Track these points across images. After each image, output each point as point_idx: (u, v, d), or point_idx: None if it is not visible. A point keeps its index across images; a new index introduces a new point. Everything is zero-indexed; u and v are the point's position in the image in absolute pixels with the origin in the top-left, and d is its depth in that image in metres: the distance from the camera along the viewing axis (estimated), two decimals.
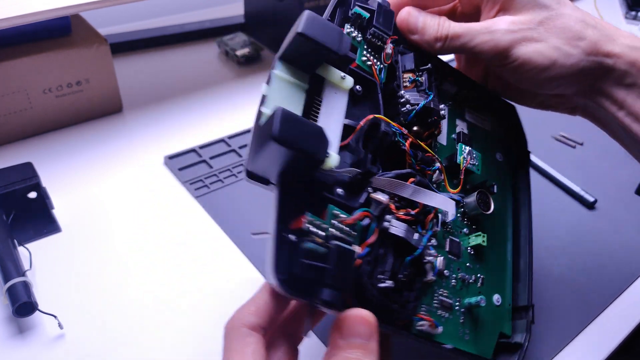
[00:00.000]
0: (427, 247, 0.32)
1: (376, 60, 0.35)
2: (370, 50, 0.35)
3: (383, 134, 0.32)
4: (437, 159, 0.35)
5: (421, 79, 0.36)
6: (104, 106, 0.61)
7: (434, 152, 0.36)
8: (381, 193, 0.31)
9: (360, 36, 0.34)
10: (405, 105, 0.34)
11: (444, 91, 0.39)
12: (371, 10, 0.34)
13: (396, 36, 0.36)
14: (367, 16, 0.34)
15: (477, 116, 0.41)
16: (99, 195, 0.51)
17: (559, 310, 0.42)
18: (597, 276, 0.45)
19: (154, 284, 0.43)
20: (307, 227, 0.27)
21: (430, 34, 0.37)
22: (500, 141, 0.42)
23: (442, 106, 0.37)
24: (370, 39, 0.34)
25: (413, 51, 0.37)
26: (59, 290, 0.41)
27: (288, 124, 0.26)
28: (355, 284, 0.29)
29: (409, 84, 0.36)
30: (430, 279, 0.33)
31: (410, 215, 0.32)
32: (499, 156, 0.41)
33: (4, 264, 0.39)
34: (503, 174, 0.41)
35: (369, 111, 0.33)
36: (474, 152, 0.37)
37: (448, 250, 0.35)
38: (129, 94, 0.64)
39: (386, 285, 0.29)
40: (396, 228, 0.31)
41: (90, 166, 0.54)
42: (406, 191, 0.31)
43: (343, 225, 0.29)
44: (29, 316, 0.38)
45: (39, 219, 0.47)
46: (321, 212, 0.28)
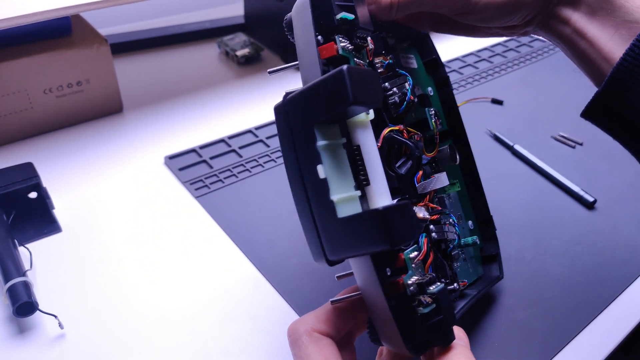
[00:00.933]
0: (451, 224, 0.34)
1: (365, 62, 0.32)
2: (356, 53, 0.31)
3: (401, 143, 0.32)
4: (419, 134, 0.35)
5: (390, 60, 0.34)
6: (104, 106, 0.61)
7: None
8: (417, 208, 0.32)
9: (349, 45, 0.30)
10: (393, 97, 0.33)
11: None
12: (351, 8, 0.31)
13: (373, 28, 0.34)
14: (352, 18, 0.30)
15: (406, 58, 0.40)
16: (99, 195, 0.51)
17: (558, 310, 0.42)
18: (597, 276, 0.45)
19: (154, 283, 0.43)
20: (410, 292, 0.26)
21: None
22: (425, 74, 0.41)
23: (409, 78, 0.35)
24: (358, 43, 0.31)
25: (378, 31, 0.34)
26: (59, 290, 0.42)
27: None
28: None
29: (384, 70, 0.34)
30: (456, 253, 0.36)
31: (436, 212, 0.34)
32: (430, 90, 0.41)
33: (5, 264, 0.40)
34: (437, 105, 0.41)
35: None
36: (435, 110, 0.37)
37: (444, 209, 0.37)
38: (129, 94, 0.64)
39: (454, 287, 0.33)
40: (437, 233, 0.33)
41: (91, 166, 0.54)
42: (439, 183, 0.33)
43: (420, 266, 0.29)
44: (29, 316, 0.38)
45: (39, 219, 0.47)
46: (396, 259, 0.28)
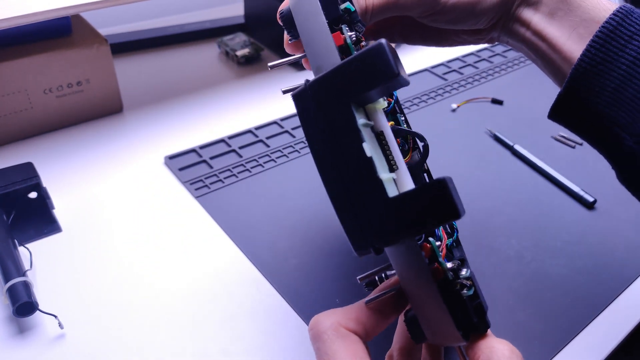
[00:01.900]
0: None
1: None
2: (355, 46, 0.30)
3: (406, 133, 0.32)
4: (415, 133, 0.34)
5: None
6: (104, 106, 0.61)
7: None
8: None
9: (355, 36, 0.30)
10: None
11: None
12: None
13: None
14: (354, 10, 0.30)
15: None
16: (99, 195, 0.51)
17: (558, 310, 0.42)
18: (597, 276, 0.45)
19: (154, 283, 0.43)
20: (451, 276, 0.26)
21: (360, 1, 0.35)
22: None
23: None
24: (358, 36, 0.30)
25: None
26: (59, 290, 0.42)
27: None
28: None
29: None
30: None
31: None
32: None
33: (5, 264, 0.40)
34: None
35: None
36: (404, 116, 0.36)
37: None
38: (130, 94, 0.65)
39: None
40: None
41: (91, 166, 0.54)
42: None
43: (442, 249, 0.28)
44: (29, 316, 0.38)
45: (39, 219, 0.47)
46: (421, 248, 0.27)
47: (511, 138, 0.60)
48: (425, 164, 0.34)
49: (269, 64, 0.32)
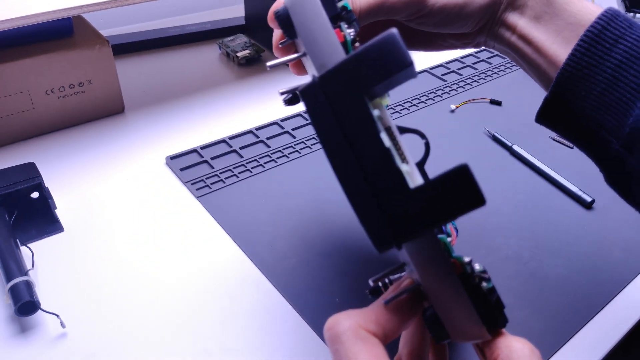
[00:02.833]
0: None
1: None
2: (352, 45, 0.30)
3: (407, 131, 0.31)
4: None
5: None
6: (106, 107, 0.61)
7: None
8: None
9: (353, 34, 0.30)
10: None
11: None
12: None
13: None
14: (350, 8, 0.31)
15: None
16: (101, 196, 0.51)
17: (556, 309, 0.42)
18: (595, 276, 0.46)
19: (155, 283, 0.43)
20: (469, 270, 0.26)
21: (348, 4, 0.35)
22: None
23: None
24: (354, 34, 0.30)
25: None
26: (61, 290, 0.42)
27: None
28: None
29: None
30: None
31: None
32: None
33: (7, 263, 0.40)
34: None
35: None
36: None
37: None
38: (131, 95, 0.65)
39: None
40: None
41: (93, 166, 0.55)
42: None
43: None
44: (31, 315, 0.38)
45: (41, 218, 0.47)
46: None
47: (510, 138, 0.61)
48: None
49: (267, 64, 0.32)
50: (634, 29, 0.32)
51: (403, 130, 0.32)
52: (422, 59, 0.78)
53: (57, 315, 0.38)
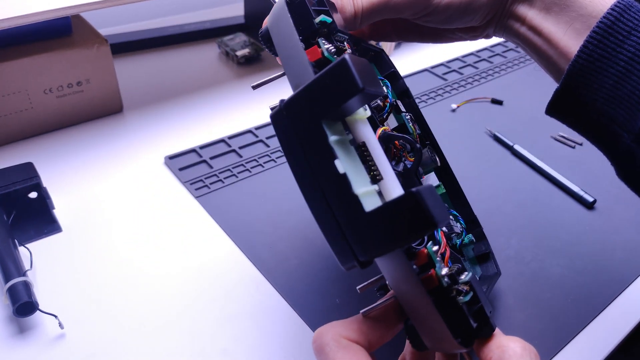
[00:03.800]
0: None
1: None
2: (336, 57, 0.31)
3: (398, 139, 0.32)
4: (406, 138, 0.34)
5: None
6: (104, 106, 0.61)
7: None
8: None
9: (333, 47, 0.30)
10: (375, 101, 0.34)
11: None
12: (327, 12, 0.32)
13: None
14: (330, 21, 0.31)
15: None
16: (99, 195, 0.51)
17: (558, 310, 0.42)
18: (596, 276, 0.45)
19: (154, 283, 0.43)
20: (446, 283, 0.25)
21: (351, 4, 0.35)
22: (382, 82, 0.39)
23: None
24: (338, 46, 0.31)
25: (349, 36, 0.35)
26: (59, 290, 0.42)
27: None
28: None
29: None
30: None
31: None
32: (393, 101, 0.39)
33: (5, 263, 0.40)
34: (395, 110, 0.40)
35: None
36: (410, 115, 0.39)
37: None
38: (130, 94, 0.65)
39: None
40: (446, 226, 0.33)
41: (91, 166, 0.54)
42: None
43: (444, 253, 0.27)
44: (29, 316, 0.38)
45: (39, 219, 0.47)
46: (417, 257, 0.26)
47: (511, 138, 0.60)
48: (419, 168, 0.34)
49: (251, 86, 0.33)
50: None
51: (393, 137, 0.31)
52: (423, 58, 0.78)
53: (56, 316, 0.38)
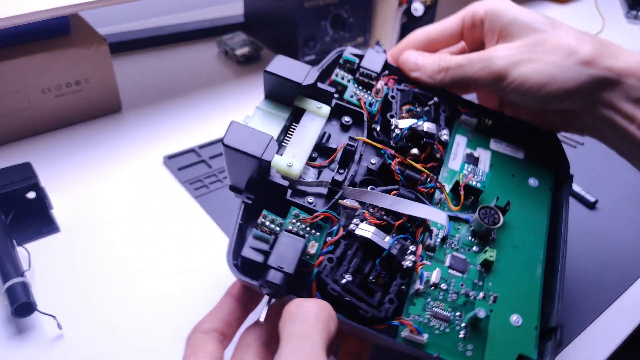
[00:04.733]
0: (408, 252, 0.33)
1: (368, 95, 0.39)
2: (362, 88, 0.39)
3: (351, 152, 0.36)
4: (433, 177, 0.36)
5: (418, 109, 0.40)
6: (103, 106, 0.61)
7: (441, 175, 0.38)
8: (350, 200, 0.33)
9: (350, 77, 0.39)
10: (395, 130, 0.37)
11: (463, 123, 0.42)
12: (360, 56, 0.40)
13: (389, 74, 0.41)
14: (355, 60, 0.40)
15: (507, 145, 0.42)
16: (98, 195, 0.51)
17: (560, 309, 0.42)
18: (598, 276, 0.45)
19: (153, 284, 0.43)
20: (261, 221, 0.31)
21: (431, 68, 0.40)
22: (536, 167, 0.41)
23: (445, 131, 0.39)
24: (360, 79, 0.39)
25: (416, 88, 0.41)
26: (58, 291, 0.41)
27: (236, 132, 0.32)
28: (319, 282, 0.31)
29: (406, 114, 0.39)
30: (419, 287, 0.32)
31: (383, 219, 0.33)
32: (532, 181, 0.40)
33: (3, 264, 0.39)
34: (536, 196, 0.39)
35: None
36: (479, 170, 0.38)
37: (449, 265, 0.34)
38: (128, 94, 0.64)
39: (346, 280, 0.30)
40: (362, 230, 0.32)
41: (89, 166, 0.54)
42: (384, 201, 0.33)
43: (304, 224, 0.32)
44: (27, 316, 0.38)
45: (37, 219, 0.47)
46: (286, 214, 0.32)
47: None
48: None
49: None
50: None
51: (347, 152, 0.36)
52: None
53: (54, 317, 0.38)
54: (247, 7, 0.80)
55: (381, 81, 0.40)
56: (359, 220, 0.33)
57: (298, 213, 0.32)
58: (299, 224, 0.32)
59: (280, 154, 0.34)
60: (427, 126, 0.37)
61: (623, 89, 0.35)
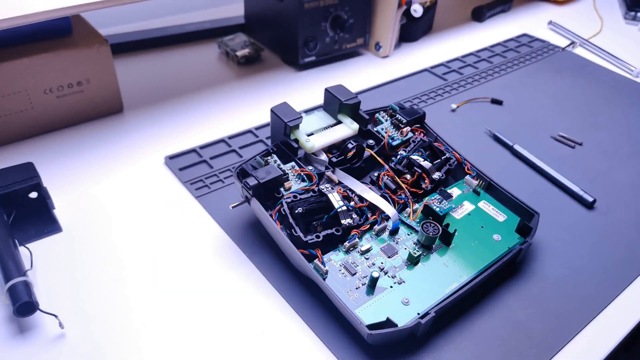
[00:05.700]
0: (350, 218, 0.43)
1: (395, 131, 0.52)
2: (394, 128, 0.53)
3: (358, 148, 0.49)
4: (407, 193, 0.46)
5: (427, 153, 0.50)
6: (104, 106, 0.61)
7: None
8: (333, 175, 0.47)
9: (388, 118, 0.54)
10: (397, 156, 0.49)
11: (466, 182, 0.50)
12: (402, 107, 0.54)
13: (418, 125, 0.53)
14: (396, 109, 0.54)
15: (494, 209, 0.48)
16: (99, 196, 0.51)
17: (558, 310, 0.42)
18: (596, 276, 0.45)
19: (154, 283, 0.43)
20: (267, 158, 0.47)
21: None
22: (508, 231, 0.46)
23: (439, 173, 0.48)
24: (394, 122, 0.53)
25: (429, 149, 0.51)
26: (59, 290, 0.42)
27: (281, 106, 0.48)
28: (281, 205, 0.43)
29: (416, 156, 0.49)
30: (346, 244, 0.42)
31: (350, 198, 0.45)
32: (496, 237, 0.45)
33: (5, 263, 0.40)
34: (492, 246, 0.44)
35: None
36: (445, 202, 0.46)
37: (383, 248, 0.43)
38: (130, 95, 0.65)
39: (297, 211, 0.42)
40: (329, 192, 0.43)
41: (91, 166, 0.54)
42: (357, 187, 0.45)
43: (295, 173, 0.46)
44: (29, 316, 0.38)
45: (40, 218, 0.47)
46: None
47: (511, 138, 0.60)
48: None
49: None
50: None
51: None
52: (423, 59, 0.78)
53: (56, 316, 0.38)
54: (248, 8, 0.80)
55: (408, 128, 0.52)
56: (332, 189, 0.44)
57: (294, 165, 0.47)
58: (291, 172, 0.46)
59: (308, 136, 0.49)
60: (423, 162, 0.48)
61: None
